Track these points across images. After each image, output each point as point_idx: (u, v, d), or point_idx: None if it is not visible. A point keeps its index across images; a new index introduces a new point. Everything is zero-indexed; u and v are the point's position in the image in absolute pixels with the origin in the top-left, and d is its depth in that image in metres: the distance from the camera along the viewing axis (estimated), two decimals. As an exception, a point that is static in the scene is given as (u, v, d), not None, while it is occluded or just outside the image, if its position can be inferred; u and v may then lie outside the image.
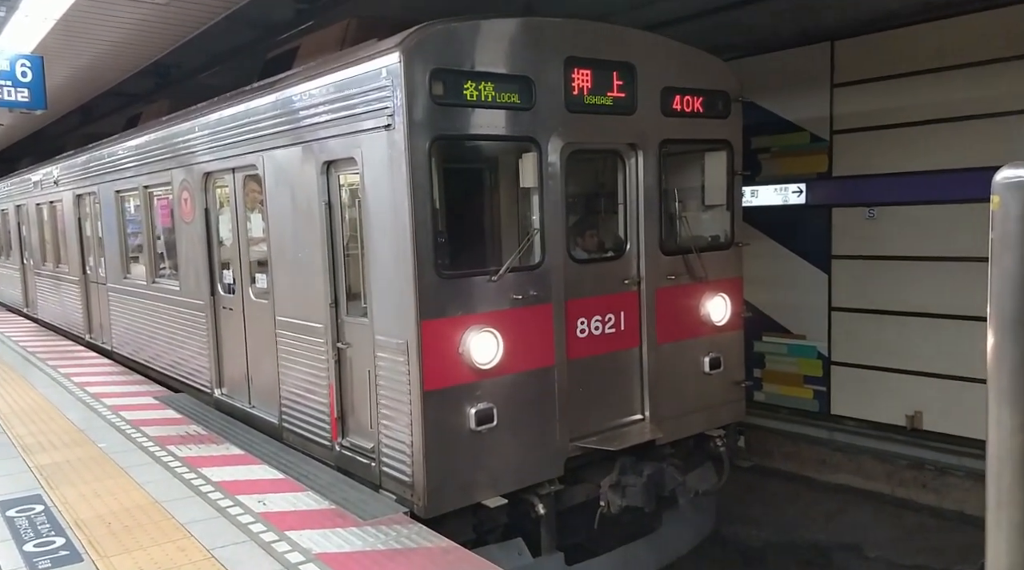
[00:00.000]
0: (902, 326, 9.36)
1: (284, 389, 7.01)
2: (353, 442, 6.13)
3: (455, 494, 5.42)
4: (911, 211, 9.17)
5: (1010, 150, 7.97)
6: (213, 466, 6.49)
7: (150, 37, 9.60)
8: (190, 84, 12.18)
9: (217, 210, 8.29)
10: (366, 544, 4.92)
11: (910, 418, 9.37)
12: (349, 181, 6.05)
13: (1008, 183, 1.84)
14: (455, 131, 5.37)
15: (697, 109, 6.73)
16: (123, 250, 11.29)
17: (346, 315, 6.20)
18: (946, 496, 8.85)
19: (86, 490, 5.98)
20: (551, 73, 5.76)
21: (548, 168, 5.79)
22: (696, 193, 7.31)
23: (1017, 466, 1.88)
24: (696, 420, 6.89)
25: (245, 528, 5.16)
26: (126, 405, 8.80)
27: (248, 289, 7.69)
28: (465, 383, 5.41)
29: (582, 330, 6.11)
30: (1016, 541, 1.91)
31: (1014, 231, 1.82)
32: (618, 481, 6.11)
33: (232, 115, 7.49)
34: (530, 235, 5.81)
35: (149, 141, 9.73)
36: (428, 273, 5.23)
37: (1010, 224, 1.83)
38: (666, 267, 6.58)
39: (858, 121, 9.60)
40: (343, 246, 6.18)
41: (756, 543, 8.30)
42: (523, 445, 5.72)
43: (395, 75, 5.14)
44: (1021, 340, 1.85)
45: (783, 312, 10.58)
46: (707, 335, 6.89)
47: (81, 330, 13.68)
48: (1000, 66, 8.31)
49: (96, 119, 16.20)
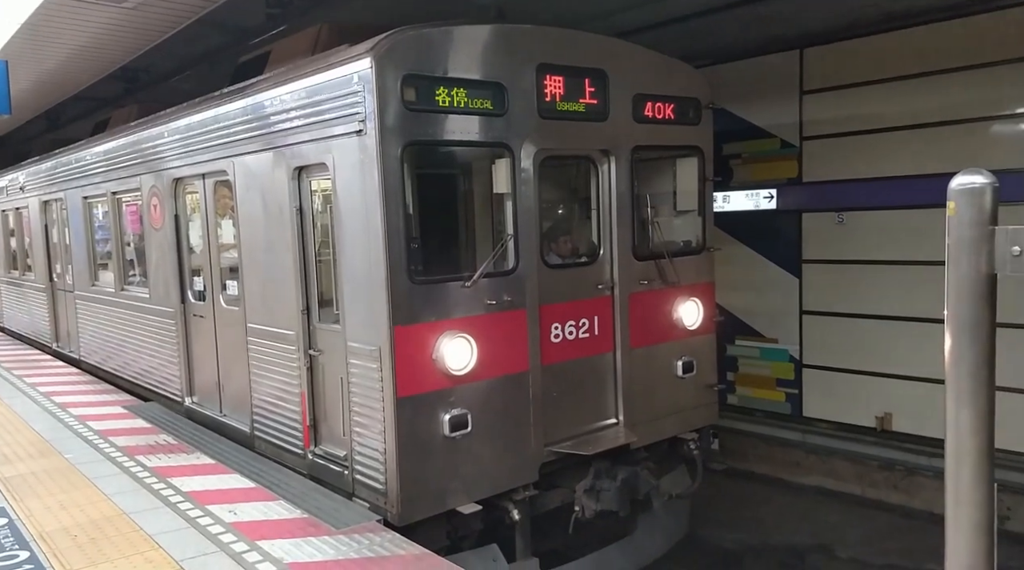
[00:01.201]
0: (872, 329, 9.51)
1: (256, 397, 6.93)
2: (326, 450, 6.08)
3: (429, 501, 5.39)
4: (879, 216, 9.33)
5: (972, 156, 8.16)
6: (183, 476, 6.39)
7: (118, 41, 9.46)
8: (160, 89, 12.02)
9: (187, 216, 8.19)
10: (339, 553, 4.87)
11: (880, 419, 9.51)
12: (321, 186, 6.01)
13: (962, 189, 1.88)
14: (427, 137, 5.37)
15: (668, 116, 6.79)
16: (91, 257, 11.11)
17: (318, 322, 6.15)
18: (915, 496, 9.00)
19: (51, 502, 5.85)
20: (523, 79, 5.78)
21: (521, 174, 5.80)
22: (668, 199, 7.37)
23: (975, 466, 1.91)
24: (670, 424, 6.93)
25: (215, 538, 5.09)
26: (94, 415, 8.64)
27: (219, 296, 7.60)
28: (439, 389, 5.39)
29: (556, 335, 6.12)
30: (975, 540, 1.93)
31: (968, 237, 1.86)
32: (592, 485, 6.13)
33: (202, 120, 7.41)
34: (504, 241, 5.81)
35: (118, 146, 9.59)
36: (401, 279, 5.20)
37: (964, 229, 1.87)
38: (639, 272, 6.62)
39: (827, 127, 9.76)
40: (315, 252, 6.14)
41: (730, 545, 8.36)
42: (497, 451, 5.72)
43: (366, 80, 5.13)
44: (977, 343, 1.89)
45: (755, 316, 10.71)
46: (680, 339, 6.94)
47: (48, 339, 13.42)
48: (962, 74, 8.50)
49: (64, 124, 15.93)
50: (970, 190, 1.86)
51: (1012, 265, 1.84)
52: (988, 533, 1.95)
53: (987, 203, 1.87)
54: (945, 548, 1.99)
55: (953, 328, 1.91)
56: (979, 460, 1.90)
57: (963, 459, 1.93)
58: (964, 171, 1.88)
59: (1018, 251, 1.82)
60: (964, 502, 1.94)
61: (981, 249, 1.86)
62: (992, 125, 8.40)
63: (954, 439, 1.94)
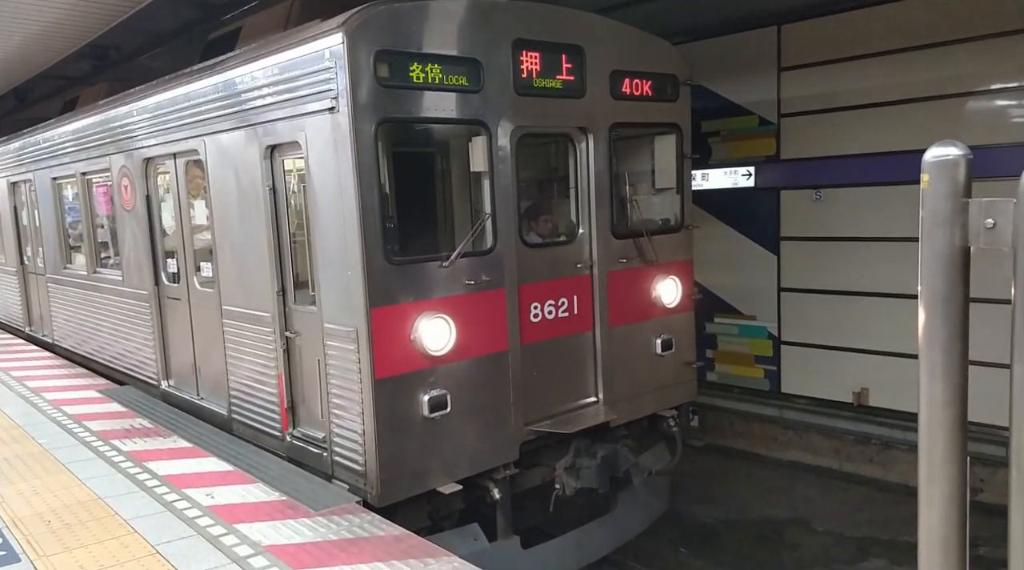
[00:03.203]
0: (848, 305, 9.58)
1: (233, 380, 6.86)
2: (304, 432, 6.04)
3: (409, 482, 5.37)
4: (856, 192, 9.36)
5: (948, 133, 8.18)
6: (159, 460, 6.33)
7: (84, 15, 9.18)
8: (130, 67, 11.75)
9: (159, 197, 8.03)
10: (317, 535, 4.85)
11: (856, 395, 9.62)
12: (294, 165, 5.91)
13: (936, 162, 1.85)
14: (402, 114, 5.28)
15: (646, 92, 6.74)
16: (62, 239, 10.89)
17: (294, 303, 6.08)
18: (891, 469, 9.14)
19: (24, 487, 5.78)
20: (499, 55, 5.69)
21: (498, 152, 5.73)
22: (646, 177, 7.34)
23: (948, 440, 1.91)
24: (649, 401, 6.96)
25: (192, 522, 5.05)
26: (68, 399, 8.52)
27: (193, 278, 7.48)
28: (418, 370, 5.35)
29: (535, 315, 6.10)
30: (947, 513, 1.94)
31: (942, 209, 1.85)
32: (573, 463, 6.15)
33: (173, 98, 7.25)
34: (481, 220, 5.76)
35: (87, 125, 9.37)
36: (377, 259, 5.14)
37: (939, 202, 1.85)
38: (617, 251, 6.61)
39: (805, 104, 9.74)
40: (289, 232, 6.05)
41: (709, 520, 8.46)
42: (478, 430, 5.71)
43: (338, 56, 5.02)
44: (950, 317, 1.88)
45: (734, 293, 10.75)
46: (658, 317, 6.95)
47: (20, 323, 13.20)
48: (939, 50, 8.50)
49: (32, 103, 15.55)
50: (944, 162, 1.84)
51: (985, 238, 1.82)
52: (961, 506, 1.95)
53: (961, 175, 1.84)
54: (918, 522, 2.00)
55: (926, 302, 1.90)
56: (952, 434, 1.90)
57: (936, 433, 1.92)
58: (938, 143, 1.85)
59: (991, 224, 1.80)
60: (937, 476, 1.94)
61: (955, 222, 1.84)
62: (968, 101, 8.41)
63: (927, 413, 1.93)
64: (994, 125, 8.21)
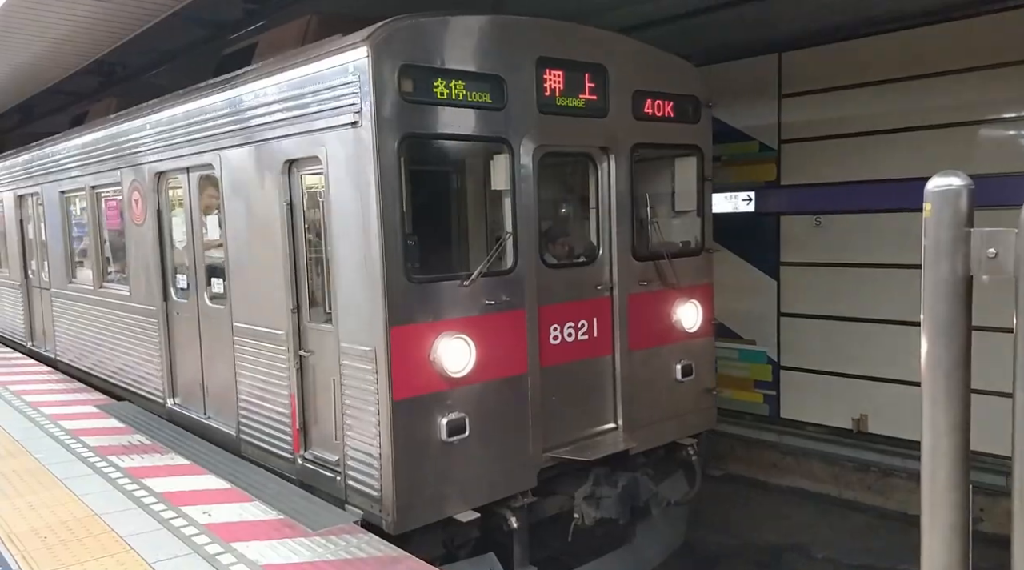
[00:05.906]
0: (848, 331, 9.49)
1: (242, 399, 6.68)
2: (317, 455, 5.85)
3: (425, 509, 5.19)
4: (857, 219, 9.32)
5: (950, 161, 8.12)
6: (156, 477, 6.19)
7: (92, 33, 9.16)
8: (137, 83, 11.71)
9: (170, 211, 7.91)
10: (314, 554, 4.72)
11: (856, 421, 9.50)
12: (312, 181, 5.80)
13: (938, 191, 1.89)
14: (425, 130, 5.18)
15: (668, 113, 6.65)
16: (68, 254, 10.76)
17: (308, 321, 5.93)
18: (890, 497, 9.02)
19: (21, 503, 5.64)
20: (523, 73, 5.60)
21: (520, 170, 5.62)
22: (666, 198, 7.23)
23: (951, 467, 1.91)
24: (669, 428, 6.78)
25: (188, 540, 4.92)
26: (66, 414, 8.36)
27: (203, 294, 7.34)
28: (436, 392, 5.19)
29: (555, 337, 5.95)
30: (950, 542, 1.94)
31: (944, 238, 1.88)
32: (592, 492, 5.96)
33: (187, 112, 7.16)
34: (502, 239, 5.63)
35: (97, 139, 9.29)
36: (397, 277, 5.00)
37: (941, 231, 1.88)
38: (638, 273, 6.47)
39: (805, 131, 9.74)
40: (305, 249, 5.92)
41: (709, 546, 8.29)
42: (496, 456, 5.52)
43: (362, 71, 4.93)
44: (953, 344, 1.90)
45: (734, 318, 10.62)
46: (679, 342, 6.80)
47: (22, 338, 13.02)
48: (940, 79, 8.50)
49: (38, 118, 15.54)
50: (946, 192, 1.87)
51: (987, 267, 1.84)
52: (964, 535, 1.95)
53: (963, 205, 1.87)
54: (921, 550, 1.98)
55: (929, 330, 1.92)
56: (955, 462, 1.91)
57: (939, 461, 1.94)
58: (940, 173, 1.88)
59: (993, 253, 1.83)
60: (940, 504, 1.94)
61: (957, 251, 1.87)
62: (969, 130, 8.39)
63: (930, 441, 1.94)
64: (996, 153, 8.18)
